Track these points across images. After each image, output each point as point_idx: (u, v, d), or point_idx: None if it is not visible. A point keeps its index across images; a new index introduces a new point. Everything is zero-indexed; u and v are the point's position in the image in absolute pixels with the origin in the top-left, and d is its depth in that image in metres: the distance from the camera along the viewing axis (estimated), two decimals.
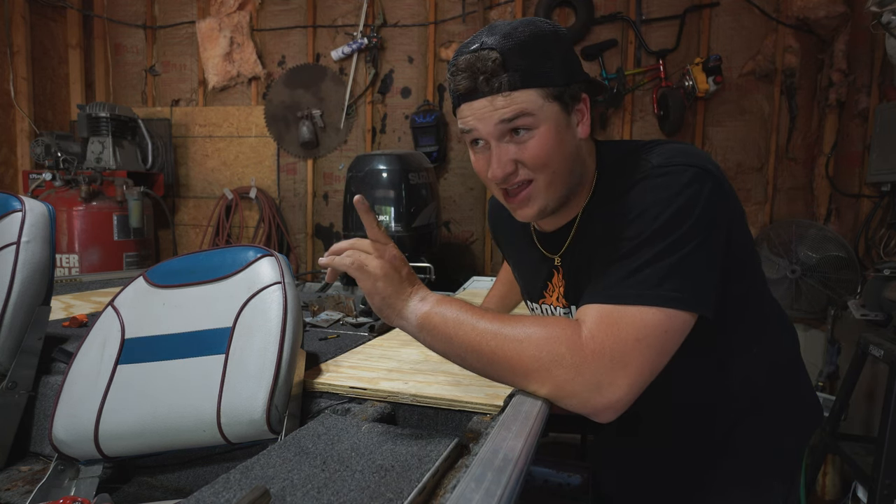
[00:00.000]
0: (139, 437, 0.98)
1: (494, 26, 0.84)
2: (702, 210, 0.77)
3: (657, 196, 0.79)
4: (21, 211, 1.17)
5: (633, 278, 0.76)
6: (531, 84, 0.81)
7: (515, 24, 0.84)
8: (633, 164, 0.85)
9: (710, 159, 0.85)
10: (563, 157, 0.85)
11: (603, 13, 3.42)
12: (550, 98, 0.82)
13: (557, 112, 0.83)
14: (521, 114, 0.81)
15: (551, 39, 0.83)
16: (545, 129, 0.82)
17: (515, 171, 0.85)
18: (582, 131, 0.88)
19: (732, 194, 0.85)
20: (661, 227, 0.76)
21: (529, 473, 0.96)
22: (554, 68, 0.83)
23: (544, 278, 1.03)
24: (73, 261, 3.29)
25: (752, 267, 0.94)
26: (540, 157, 0.83)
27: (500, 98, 0.80)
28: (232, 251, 1.10)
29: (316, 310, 1.75)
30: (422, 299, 0.81)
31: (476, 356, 0.78)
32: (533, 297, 1.09)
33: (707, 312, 0.77)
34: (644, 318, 0.73)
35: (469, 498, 0.54)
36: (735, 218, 0.85)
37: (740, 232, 0.87)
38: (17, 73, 3.61)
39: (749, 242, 0.92)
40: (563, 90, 0.83)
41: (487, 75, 0.80)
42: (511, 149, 0.84)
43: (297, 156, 3.90)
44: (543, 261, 1.02)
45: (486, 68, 0.80)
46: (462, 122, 0.86)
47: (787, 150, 3.29)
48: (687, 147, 0.86)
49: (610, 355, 0.72)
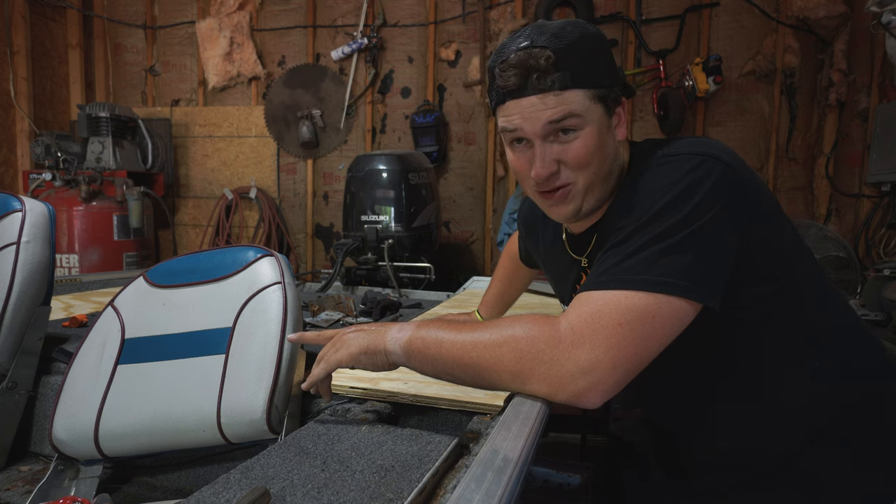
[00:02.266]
0: (139, 437, 0.98)
1: (542, 25, 0.84)
2: (704, 196, 0.74)
3: (657, 183, 0.78)
4: (21, 211, 1.17)
5: (623, 264, 0.75)
6: (581, 85, 0.81)
7: (563, 23, 0.84)
8: (646, 158, 0.84)
9: (728, 150, 0.80)
10: (604, 158, 0.85)
11: (603, 13, 3.42)
12: (596, 100, 0.83)
13: (601, 114, 0.84)
14: (570, 115, 0.81)
15: (597, 41, 0.84)
16: (590, 131, 0.82)
17: (557, 171, 0.85)
18: (620, 134, 0.88)
19: (755, 186, 0.80)
20: (657, 212, 0.75)
21: (529, 473, 0.96)
22: (601, 70, 0.83)
23: (573, 280, 1.03)
24: (73, 261, 3.29)
25: (792, 267, 0.85)
26: (583, 158, 0.83)
27: (550, 97, 0.80)
28: (232, 251, 1.10)
29: (316, 310, 1.75)
30: (399, 329, 0.83)
31: (462, 370, 0.78)
32: (564, 299, 1.09)
33: (709, 302, 0.74)
34: (628, 303, 0.72)
35: (469, 498, 0.54)
36: (758, 211, 0.80)
37: (768, 226, 0.82)
38: (17, 73, 3.61)
39: (785, 239, 0.85)
40: (608, 92, 0.84)
41: (540, 73, 0.80)
42: (555, 148, 0.83)
43: (297, 156, 3.90)
44: (572, 263, 1.02)
45: (539, 66, 0.79)
46: (506, 121, 0.85)
47: (787, 150, 3.29)
48: (703, 139, 0.84)
49: (590, 343, 0.71)
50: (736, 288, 0.78)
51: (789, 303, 0.85)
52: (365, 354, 0.83)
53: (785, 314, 0.85)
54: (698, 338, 0.77)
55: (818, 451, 0.86)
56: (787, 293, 0.84)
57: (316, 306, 1.76)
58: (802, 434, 0.86)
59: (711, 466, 0.95)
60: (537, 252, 1.19)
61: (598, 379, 0.71)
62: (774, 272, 0.83)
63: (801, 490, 0.86)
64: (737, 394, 0.89)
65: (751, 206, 0.78)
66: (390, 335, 0.83)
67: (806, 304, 0.87)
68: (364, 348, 0.83)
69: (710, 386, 0.90)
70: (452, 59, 3.64)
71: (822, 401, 0.86)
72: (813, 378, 0.86)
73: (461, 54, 3.63)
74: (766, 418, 0.88)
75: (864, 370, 0.90)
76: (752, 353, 0.86)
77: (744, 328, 0.84)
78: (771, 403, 0.87)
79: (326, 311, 1.75)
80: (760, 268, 0.81)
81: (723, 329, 0.82)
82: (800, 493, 0.87)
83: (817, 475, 0.86)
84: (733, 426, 0.90)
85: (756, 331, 0.85)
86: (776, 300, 0.84)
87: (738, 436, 0.90)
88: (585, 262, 0.99)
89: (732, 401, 0.89)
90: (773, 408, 0.87)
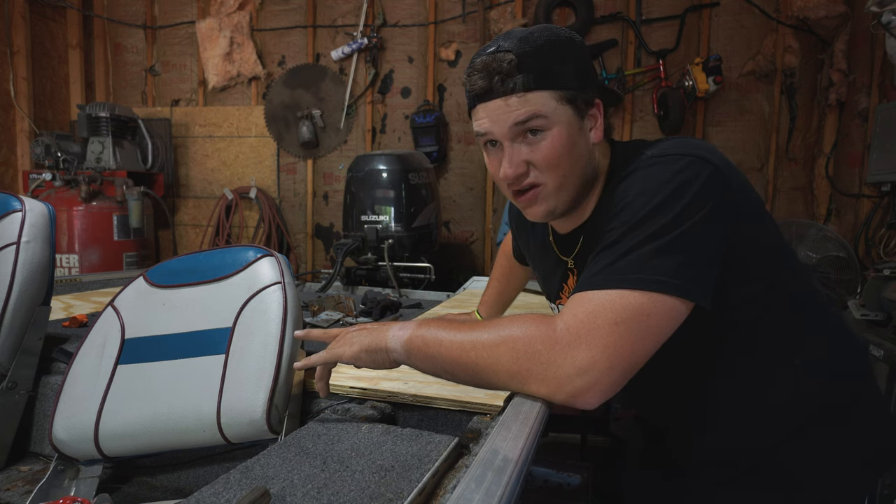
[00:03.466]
0: (139, 437, 0.98)
1: (511, 32, 0.86)
2: (693, 197, 0.75)
3: (646, 185, 0.78)
4: (21, 211, 1.17)
5: (616, 264, 0.75)
6: (545, 86, 0.82)
7: (532, 29, 0.86)
8: (633, 159, 0.85)
9: (714, 150, 0.82)
10: (574, 160, 0.86)
11: (603, 13, 3.42)
12: (563, 101, 0.83)
13: (570, 115, 0.84)
14: (535, 115, 0.82)
15: (566, 44, 0.85)
16: (557, 132, 0.83)
17: (526, 171, 0.86)
18: (595, 136, 0.88)
19: (741, 186, 0.81)
20: (648, 213, 0.75)
21: (529, 473, 0.96)
22: (568, 72, 0.84)
23: (560, 280, 1.04)
24: (73, 261, 3.29)
25: (777, 266, 0.87)
26: (551, 159, 0.84)
27: (514, 98, 0.82)
28: (232, 251, 1.10)
29: (316, 310, 1.75)
30: (401, 328, 0.84)
31: (461, 369, 0.79)
32: (551, 298, 1.10)
33: (700, 300, 0.75)
34: (623, 302, 0.72)
35: (469, 498, 0.54)
36: (745, 211, 0.81)
37: (755, 226, 0.83)
38: (17, 73, 3.61)
39: (771, 239, 0.87)
40: (577, 94, 0.84)
41: (503, 76, 0.82)
42: (524, 150, 0.85)
43: (297, 156, 3.90)
44: (559, 263, 1.03)
45: (502, 69, 0.82)
46: (477, 125, 0.88)
47: (787, 151, 3.29)
48: (689, 139, 0.84)
49: (586, 342, 0.71)
50: (725, 287, 0.79)
51: (775, 302, 0.86)
52: (366, 352, 0.84)
53: (771, 313, 0.86)
54: (688, 337, 0.77)
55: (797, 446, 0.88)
56: (772, 292, 0.86)
57: (316, 306, 1.76)
58: (784, 431, 0.89)
59: (699, 463, 0.98)
60: (527, 250, 1.20)
61: (595, 379, 0.71)
62: (761, 271, 0.85)
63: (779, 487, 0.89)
64: (724, 392, 0.90)
65: (738, 207, 0.80)
66: (391, 333, 0.84)
67: (791, 304, 0.89)
68: (365, 346, 0.84)
69: (698, 384, 0.92)
70: (452, 59, 3.64)
71: (805, 399, 0.88)
72: (797, 377, 0.87)
73: (461, 54, 3.63)
74: (751, 416, 0.90)
75: (845, 370, 0.92)
76: (740, 352, 0.88)
77: (732, 327, 0.85)
78: (757, 401, 0.89)
79: (326, 311, 1.75)
80: (748, 267, 0.83)
81: (712, 328, 0.82)
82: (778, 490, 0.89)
83: (795, 473, 0.88)
84: (720, 423, 0.92)
85: (744, 329, 0.86)
86: (762, 299, 0.85)
87: (724, 433, 0.92)
88: (572, 264, 0.99)
89: (720, 399, 0.91)
90: (758, 405, 0.89)
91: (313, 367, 0.89)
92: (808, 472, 0.89)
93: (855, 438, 0.90)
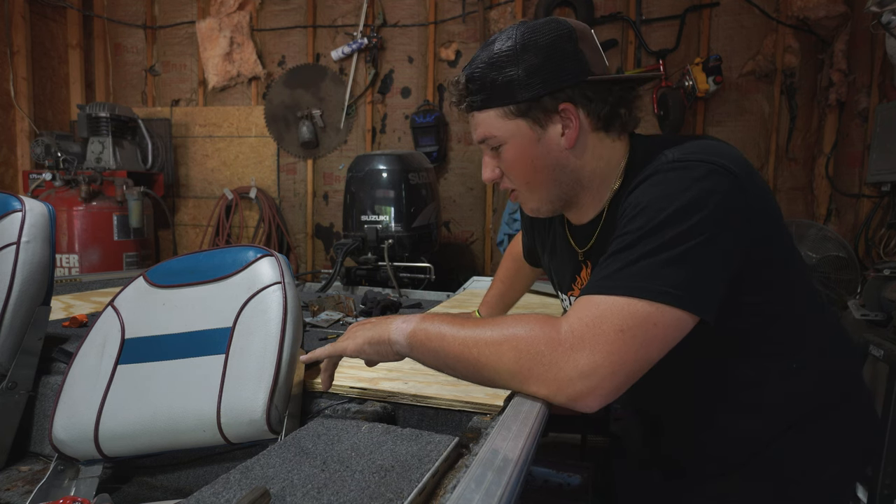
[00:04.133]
0: (139, 437, 0.98)
1: (488, 40, 0.89)
2: (713, 208, 0.73)
3: (666, 190, 0.77)
4: (21, 211, 1.17)
5: (627, 270, 0.74)
6: (490, 104, 0.87)
7: (495, 37, 0.88)
8: (654, 159, 0.83)
9: (737, 157, 0.79)
10: (536, 169, 0.89)
11: (603, 13, 3.42)
12: (512, 115, 0.85)
13: (524, 128, 0.86)
14: (487, 136, 0.89)
15: (521, 53, 0.84)
16: (511, 145, 0.88)
17: (501, 175, 0.93)
18: (567, 141, 0.87)
19: (760, 197, 0.80)
20: (663, 220, 0.74)
21: (529, 473, 0.96)
22: (517, 85, 0.83)
23: (573, 272, 1.04)
24: (73, 261, 3.29)
25: (784, 276, 0.87)
26: (511, 170, 0.91)
27: (472, 116, 0.90)
28: (232, 251, 1.10)
29: (316, 310, 1.75)
30: (405, 321, 0.85)
31: (463, 365, 0.79)
32: (563, 289, 1.10)
33: (706, 316, 0.74)
34: (630, 309, 0.72)
35: (469, 498, 0.54)
36: (762, 223, 0.79)
37: (770, 237, 0.82)
38: (17, 73, 3.61)
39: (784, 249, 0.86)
40: (530, 105, 0.84)
41: (459, 97, 0.90)
42: (494, 158, 0.92)
43: (297, 156, 3.90)
44: (573, 254, 1.03)
45: (459, 90, 0.90)
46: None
47: (787, 150, 3.29)
48: (713, 143, 0.82)
49: (590, 346, 0.71)
50: (734, 297, 0.79)
51: (779, 309, 0.87)
52: (370, 344, 0.86)
53: (773, 320, 0.87)
54: (689, 341, 0.77)
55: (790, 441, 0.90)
56: (777, 300, 0.86)
57: (316, 306, 1.76)
58: (778, 427, 0.91)
59: (695, 459, 1.00)
60: (541, 241, 1.19)
61: (596, 383, 0.71)
62: (770, 283, 0.85)
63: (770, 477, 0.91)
64: (721, 391, 0.92)
65: (755, 221, 0.78)
66: (395, 326, 0.85)
67: (793, 309, 0.89)
68: (369, 339, 0.86)
69: (696, 383, 0.93)
70: (452, 59, 3.64)
71: (799, 398, 0.90)
72: (793, 377, 0.89)
73: (461, 54, 3.63)
74: (747, 414, 0.91)
75: (838, 370, 0.95)
76: (740, 354, 0.89)
77: (734, 332, 0.85)
78: (753, 401, 0.90)
79: (326, 311, 1.75)
80: (758, 280, 0.82)
81: (714, 334, 0.82)
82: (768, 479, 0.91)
83: (786, 466, 0.91)
84: (715, 421, 0.94)
85: (746, 335, 0.86)
86: (767, 308, 0.85)
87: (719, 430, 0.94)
88: (585, 256, 1.00)
89: (717, 398, 0.92)
90: (753, 405, 0.91)
91: (318, 360, 0.91)
92: (800, 465, 0.91)
93: (844, 434, 0.93)
